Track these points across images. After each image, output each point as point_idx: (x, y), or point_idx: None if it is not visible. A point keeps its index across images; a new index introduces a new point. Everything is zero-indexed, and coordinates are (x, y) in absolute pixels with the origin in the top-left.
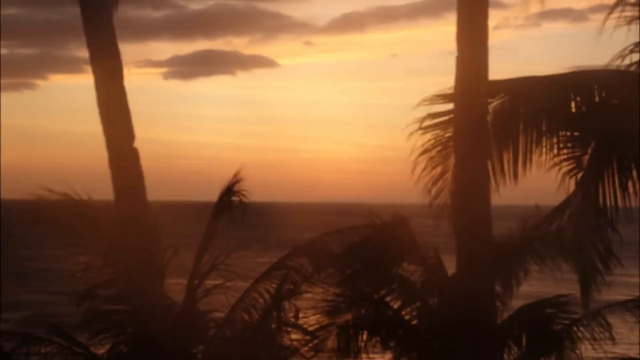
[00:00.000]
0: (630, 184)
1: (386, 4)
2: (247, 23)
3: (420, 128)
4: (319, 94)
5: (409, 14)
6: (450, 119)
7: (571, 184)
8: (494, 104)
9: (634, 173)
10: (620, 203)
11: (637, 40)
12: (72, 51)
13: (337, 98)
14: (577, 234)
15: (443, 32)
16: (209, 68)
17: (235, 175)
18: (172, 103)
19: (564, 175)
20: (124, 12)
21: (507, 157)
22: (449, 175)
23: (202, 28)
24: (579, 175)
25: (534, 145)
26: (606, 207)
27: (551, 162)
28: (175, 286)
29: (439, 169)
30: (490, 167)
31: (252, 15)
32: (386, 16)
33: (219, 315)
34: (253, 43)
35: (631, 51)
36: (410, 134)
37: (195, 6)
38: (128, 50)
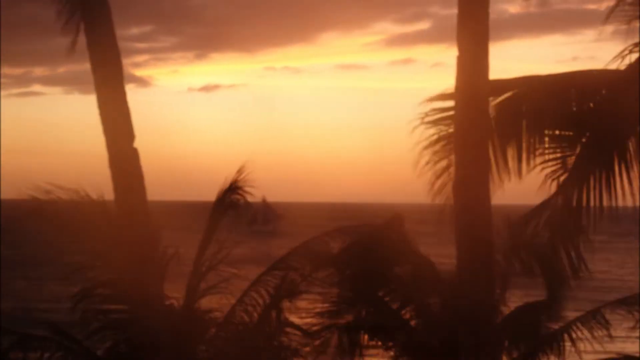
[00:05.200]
0: (618, 182)
1: (243, 45)
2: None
3: (423, 123)
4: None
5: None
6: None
7: (552, 187)
8: (497, 101)
9: (624, 172)
10: (605, 202)
11: (637, 40)
12: None
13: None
14: (552, 239)
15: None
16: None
17: (238, 171)
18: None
19: (546, 176)
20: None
21: (511, 153)
22: (452, 169)
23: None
24: (562, 178)
25: (536, 143)
26: (589, 209)
27: (538, 162)
28: (176, 286)
29: (442, 163)
30: (494, 164)
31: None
32: (241, 47)
33: (219, 315)
34: (134, 68)
35: (631, 51)
36: (414, 128)
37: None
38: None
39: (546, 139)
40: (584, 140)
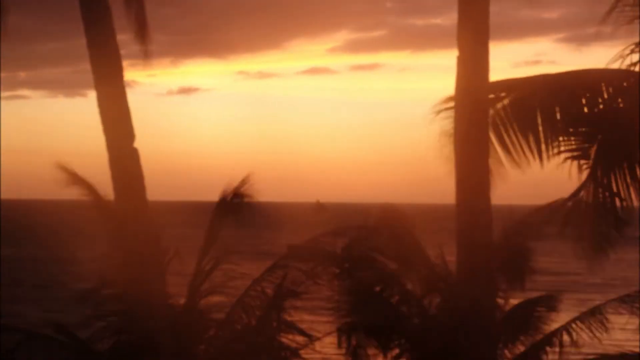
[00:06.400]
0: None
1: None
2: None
3: (440, 115)
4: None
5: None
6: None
7: (577, 180)
8: (510, 97)
9: (638, 172)
10: (625, 202)
11: (637, 40)
12: None
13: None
14: (589, 210)
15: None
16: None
17: (244, 178)
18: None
19: (570, 170)
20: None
21: (530, 144)
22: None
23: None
24: (587, 170)
25: (551, 138)
26: (614, 202)
27: (561, 157)
28: (176, 286)
29: None
30: (505, 158)
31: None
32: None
33: (219, 315)
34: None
35: (632, 51)
36: (431, 120)
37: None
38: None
39: (560, 136)
40: (599, 136)
